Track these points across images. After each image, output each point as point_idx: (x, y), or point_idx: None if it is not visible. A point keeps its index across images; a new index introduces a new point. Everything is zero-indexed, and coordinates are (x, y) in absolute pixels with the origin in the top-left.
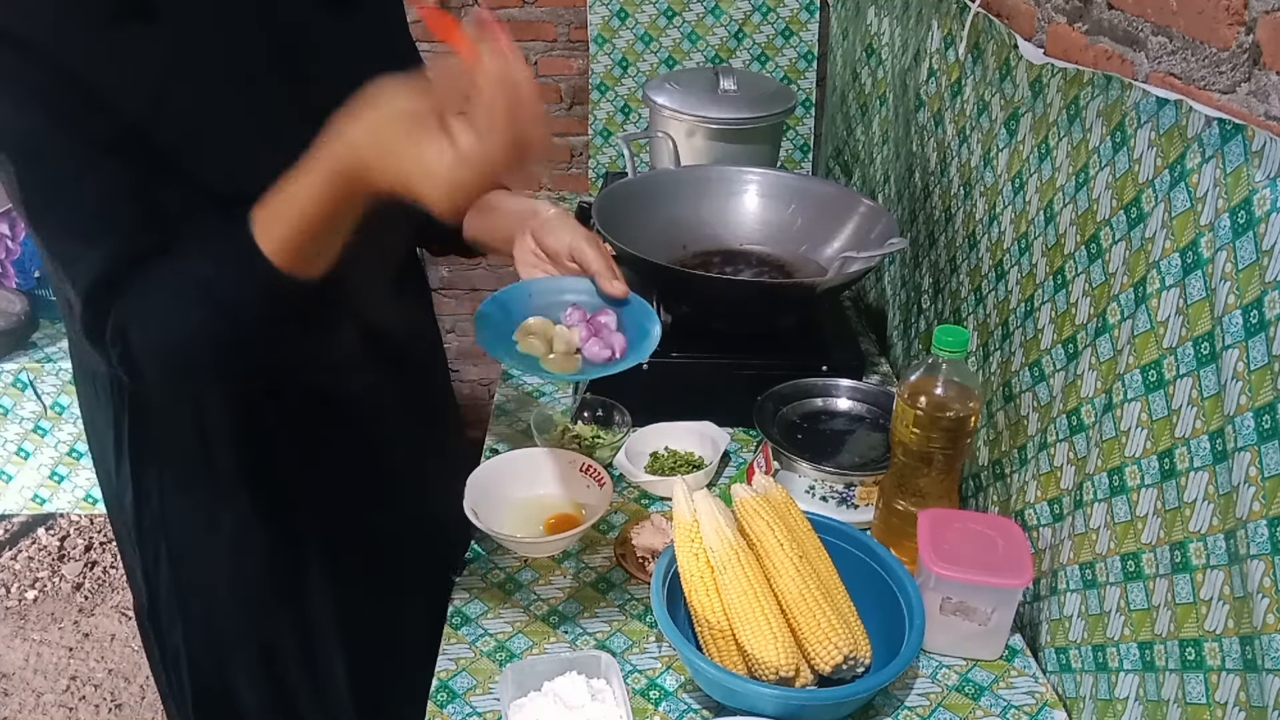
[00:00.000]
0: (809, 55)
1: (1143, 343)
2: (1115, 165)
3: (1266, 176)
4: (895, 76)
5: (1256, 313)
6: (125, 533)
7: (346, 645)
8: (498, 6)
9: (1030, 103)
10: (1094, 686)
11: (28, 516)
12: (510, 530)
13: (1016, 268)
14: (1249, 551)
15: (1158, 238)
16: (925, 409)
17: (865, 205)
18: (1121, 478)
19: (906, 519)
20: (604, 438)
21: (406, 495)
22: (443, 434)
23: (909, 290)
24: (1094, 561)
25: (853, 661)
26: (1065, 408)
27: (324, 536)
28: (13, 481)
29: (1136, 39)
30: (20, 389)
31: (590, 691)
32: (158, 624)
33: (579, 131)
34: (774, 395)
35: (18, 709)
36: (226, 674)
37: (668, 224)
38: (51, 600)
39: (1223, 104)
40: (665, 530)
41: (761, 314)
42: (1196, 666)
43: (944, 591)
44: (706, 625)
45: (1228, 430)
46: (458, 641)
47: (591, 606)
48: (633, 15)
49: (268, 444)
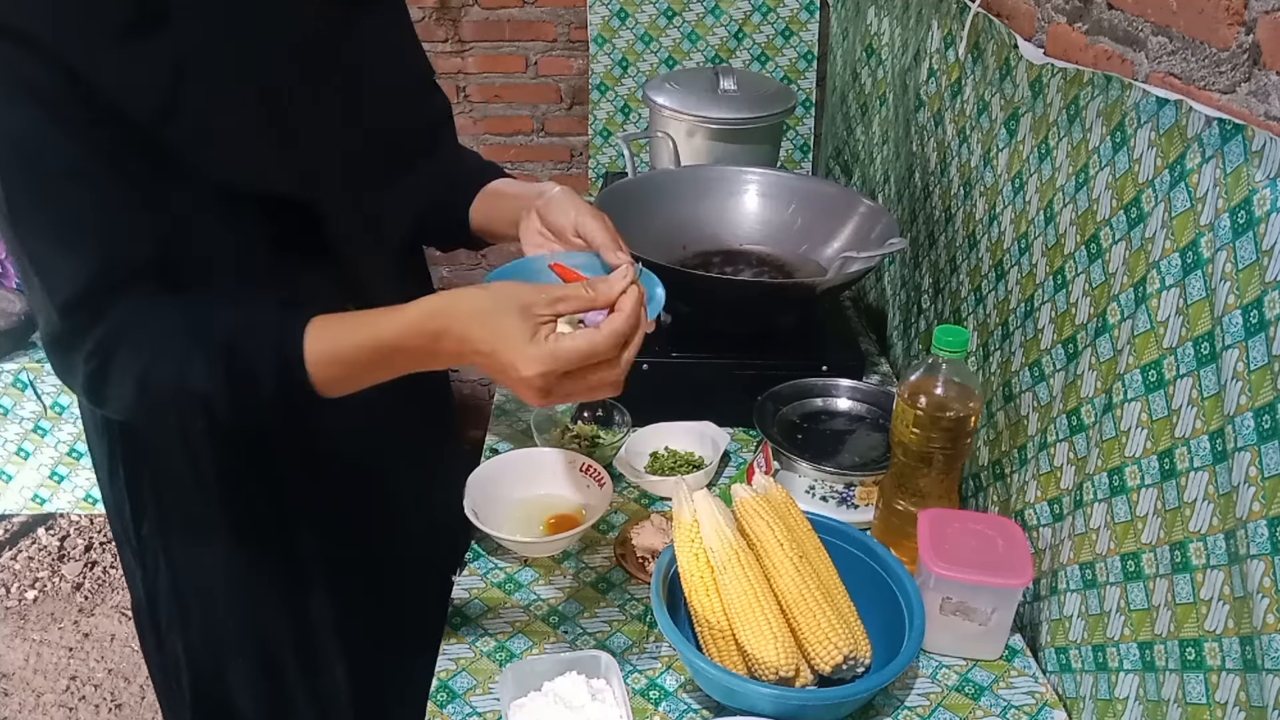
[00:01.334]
0: (809, 55)
1: (1143, 343)
2: (1115, 165)
3: (1266, 176)
4: (895, 76)
5: (1256, 313)
6: (124, 537)
7: (346, 646)
8: (498, 6)
9: (1030, 103)
10: (1094, 686)
11: (28, 516)
12: (510, 530)
13: (1016, 268)
14: (1249, 551)
15: (1158, 238)
16: (925, 409)
17: (865, 205)
18: (1121, 478)
19: (906, 519)
20: (604, 438)
21: (406, 495)
22: (443, 434)
23: (909, 290)
24: (1094, 561)
25: (853, 661)
26: (1065, 408)
27: (322, 537)
28: (13, 481)
29: (1136, 39)
30: (20, 389)
31: (590, 691)
32: (156, 626)
33: (579, 131)
34: (774, 395)
35: (18, 709)
36: (225, 676)
37: (668, 224)
38: (51, 600)
39: (1223, 104)
40: (665, 530)
41: (761, 314)
42: (1196, 666)
43: (944, 591)
44: (706, 625)
45: (1228, 430)
46: (458, 641)
47: (591, 606)
48: (633, 15)
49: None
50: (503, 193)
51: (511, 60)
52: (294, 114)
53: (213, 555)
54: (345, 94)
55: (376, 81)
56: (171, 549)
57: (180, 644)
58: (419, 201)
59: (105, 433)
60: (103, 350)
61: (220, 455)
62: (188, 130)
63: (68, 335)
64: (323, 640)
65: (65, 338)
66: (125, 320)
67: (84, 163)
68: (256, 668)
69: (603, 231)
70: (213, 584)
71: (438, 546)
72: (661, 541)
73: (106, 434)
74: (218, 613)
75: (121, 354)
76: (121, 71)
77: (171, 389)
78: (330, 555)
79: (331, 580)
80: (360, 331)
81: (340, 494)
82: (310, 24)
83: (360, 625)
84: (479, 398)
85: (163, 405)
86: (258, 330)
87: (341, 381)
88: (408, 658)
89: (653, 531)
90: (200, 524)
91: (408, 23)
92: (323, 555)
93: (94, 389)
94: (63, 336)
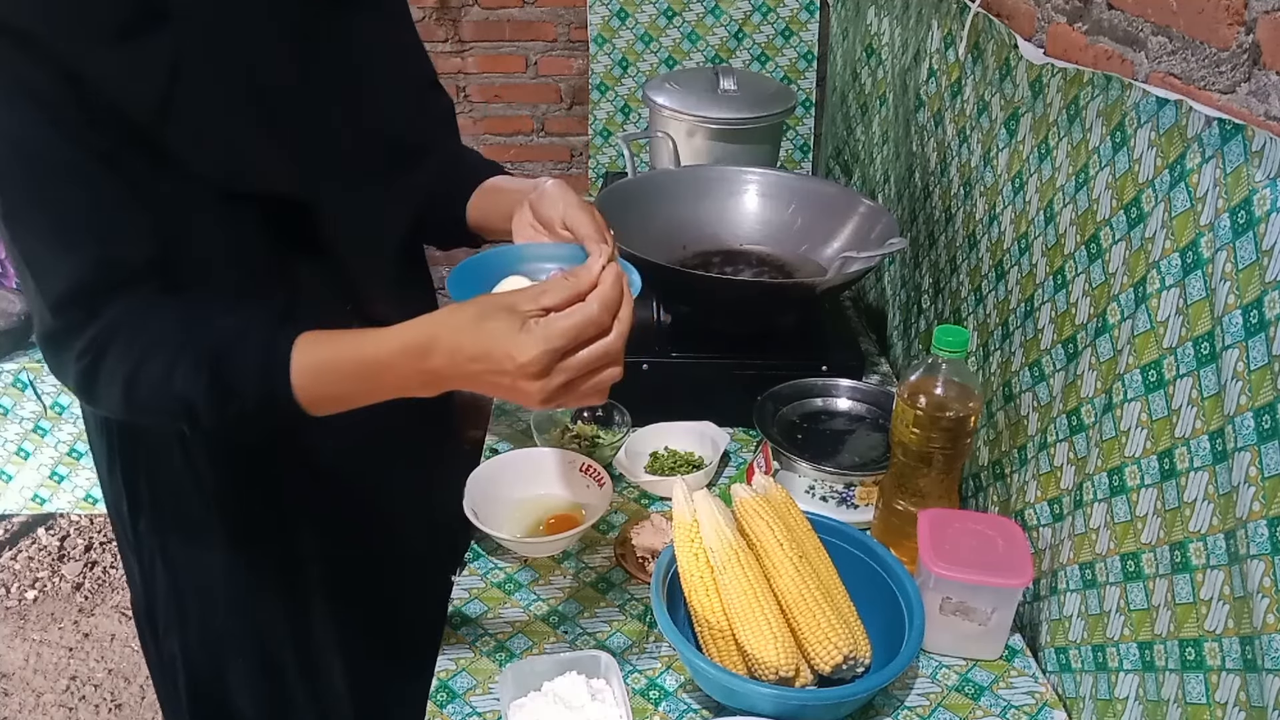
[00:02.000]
0: (809, 55)
1: (1143, 343)
2: (1115, 165)
3: (1266, 176)
4: (895, 76)
5: (1256, 313)
6: (123, 535)
7: (345, 646)
8: (498, 6)
9: (1030, 103)
10: (1094, 686)
11: (28, 516)
12: (510, 530)
13: (1016, 268)
14: (1249, 551)
15: (1158, 238)
16: (925, 409)
17: (865, 205)
18: (1121, 478)
19: (906, 519)
20: (604, 438)
21: (406, 495)
22: (442, 434)
23: (909, 290)
24: (1094, 561)
25: (852, 661)
26: (1065, 408)
27: (322, 537)
28: (13, 481)
29: (1136, 39)
30: (20, 389)
31: (590, 691)
32: (154, 624)
33: (579, 131)
34: (774, 395)
35: (18, 709)
36: (224, 676)
37: (668, 224)
38: (51, 600)
39: (1223, 104)
40: (665, 530)
41: (761, 314)
42: (1196, 666)
43: (944, 591)
44: (706, 625)
45: (1228, 430)
46: (458, 641)
47: (591, 606)
48: (633, 15)
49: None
50: (499, 188)
51: (511, 60)
52: (293, 114)
53: (211, 554)
54: (344, 94)
55: (376, 81)
56: (169, 547)
57: (177, 642)
58: (418, 201)
59: (104, 430)
60: (95, 348)
61: (218, 455)
62: (186, 130)
63: (61, 333)
64: (322, 641)
65: (58, 335)
66: (120, 320)
67: (82, 162)
68: (256, 668)
69: (589, 223)
70: (211, 583)
71: (437, 546)
72: (661, 541)
73: (105, 431)
74: (216, 612)
75: (113, 353)
76: (120, 71)
77: (158, 392)
78: (330, 555)
79: (331, 581)
80: (348, 346)
81: (339, 494)
82: (310, 24)
83: (360, 625)
84: (479, 398)
85: (149, 407)
86: (248, 340)
87: (328, 400)
88: (407, 658)
89: (653, 531)
90: (198, 523)
91: (409, 23)
92: (322, 555)
93: (85, 386)
94: (56, 334)
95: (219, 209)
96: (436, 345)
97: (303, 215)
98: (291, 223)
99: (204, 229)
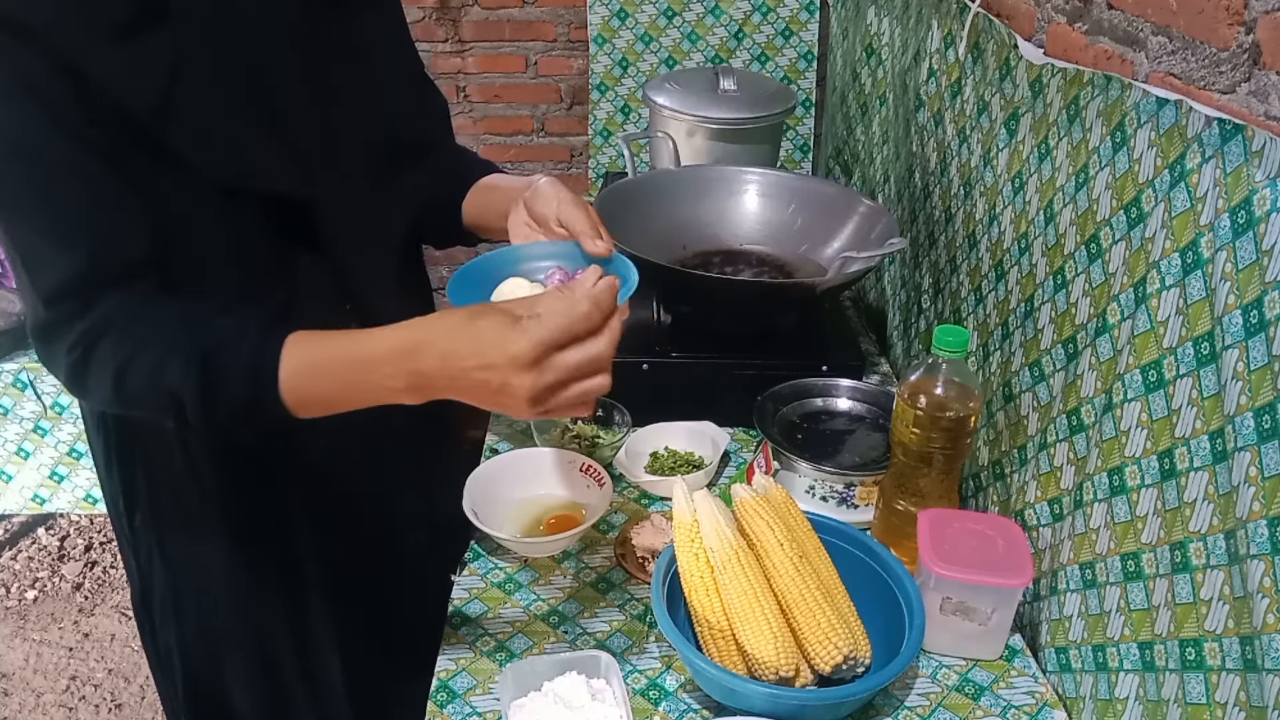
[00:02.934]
0: (809, 55)
1: (1143, 343)
2: (1115, 165)
3: (1266, 176)
4: (895, 76)
5: (1256, 313)
6: (120, 530)
7: (345, 646)
8: (498, 6)
9: (1030, 103)
10: (1094, 686)
11: (28, 516)
12: (510, 530)
13: (1016, 268)
14: (1249, 551)
15: (1158, 238)
16: (925, 409)
17: (865, 205)
18: (1121, 478)
19: (906, 519)
20: (604, 438)
21: (406, 495)
22: (442, 434)
23: (909, 290)
24: (1094, 561)
25: (853, 661)
26: (1065, 408)
27: (321, 537)
28: (13, 481)
29: (1136, 39)
30: (20, 389)
31: (590, 691)
32: (151, 620)
33: (579, 131)
34: (774, 395)
35: (18, 709)
36: (221, 673)
37: (668, 224)
38: (51, 600)
39: (1223, 104)
40: (665, 530)
41: (761, 314)
42: (1196, 666)
43: (944, 591)
44: (706, 625)
45: (1228, 430)
46: (458, 641)
47: (591, 606)
48: (633, 15)
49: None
50: (494, 186)
51: (511, 60)
52: (292, 113)
53: (210, 552)
54: (344, 93)
55: (375, 81)
56: (165, 543)
57: (174, 638)
58: (417, 200)
59: (101, 426)
60: (86, 341)
61: (216, 453)
62: (185, 128)
63: (53, 326)
64: (321, 640)
65: (50, 327)
66: (114, 314)
67: (80, 159)
68: (254, 666)
69: (584, 220)
70: (209, 581)
71: (437, 546)
72: (661, 541)
73: (103, 427)
74: (214, 609)
75: (104, 346)
76: (120, 70)
77: (148, 385)
78: (329, 555)
79: (330, 580)
80: (338, 345)
81: (339, 494)
82: (309, 24)
83: (359, 625)
84: None
85: (139, 400)
86: (240, 340)
87: (316, 401)
88: (407, 658)
89: (653, 531)
90: (198, 521)
91: (403, 23)
92: (322, 555)
93: (75, 377)
94: (48, 326)
95: (218, 207)
96: (427, 345)
97: (302, 214)
98: (291, 221)
99: (203, 227)
